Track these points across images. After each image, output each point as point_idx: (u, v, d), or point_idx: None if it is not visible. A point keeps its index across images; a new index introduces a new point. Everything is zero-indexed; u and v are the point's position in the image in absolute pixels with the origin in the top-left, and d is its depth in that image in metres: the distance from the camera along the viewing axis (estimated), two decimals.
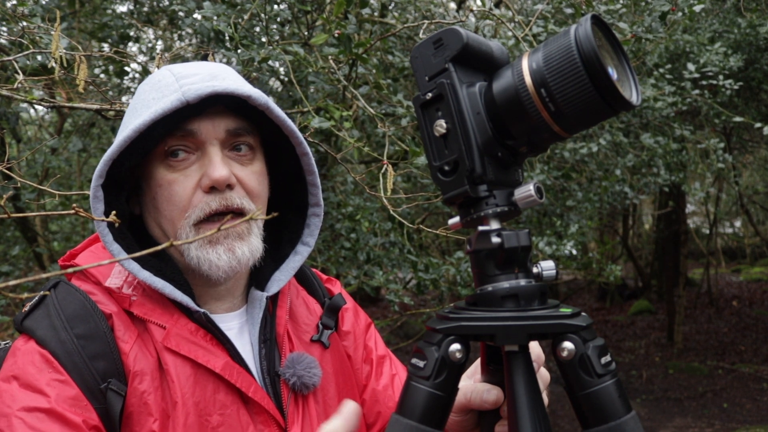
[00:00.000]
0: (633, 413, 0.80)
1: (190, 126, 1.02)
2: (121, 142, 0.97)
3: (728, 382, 8.36)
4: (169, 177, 1.03)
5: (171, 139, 1.02)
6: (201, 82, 1.00)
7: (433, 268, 3.69)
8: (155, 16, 4.51)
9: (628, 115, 5.32)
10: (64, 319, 0.98)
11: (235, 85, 1.01)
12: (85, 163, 5.90)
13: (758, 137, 8.11)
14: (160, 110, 0.97)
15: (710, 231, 14.63)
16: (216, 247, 1.02)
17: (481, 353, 0.94)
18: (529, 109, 0.78)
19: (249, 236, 1.06)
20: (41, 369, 0.94)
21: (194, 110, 1.01)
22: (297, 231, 1.18)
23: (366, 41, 2.89)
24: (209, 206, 1.02)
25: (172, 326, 1.02)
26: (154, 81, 1.06)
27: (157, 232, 1.08)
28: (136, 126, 0.97)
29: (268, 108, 1.04)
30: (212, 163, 1.01)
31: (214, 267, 1.02)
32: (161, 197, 1.04)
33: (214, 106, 1.03)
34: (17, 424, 0.89)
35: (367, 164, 4.47)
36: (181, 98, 0.97)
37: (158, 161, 1.04)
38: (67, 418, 0.90)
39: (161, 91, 1.01)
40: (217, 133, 1.03)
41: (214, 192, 1.02)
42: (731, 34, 5.72)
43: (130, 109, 1.06)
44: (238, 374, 1.02)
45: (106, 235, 1.01)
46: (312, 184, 1.15)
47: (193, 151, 1.04)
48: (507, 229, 0.83)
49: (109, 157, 0.98)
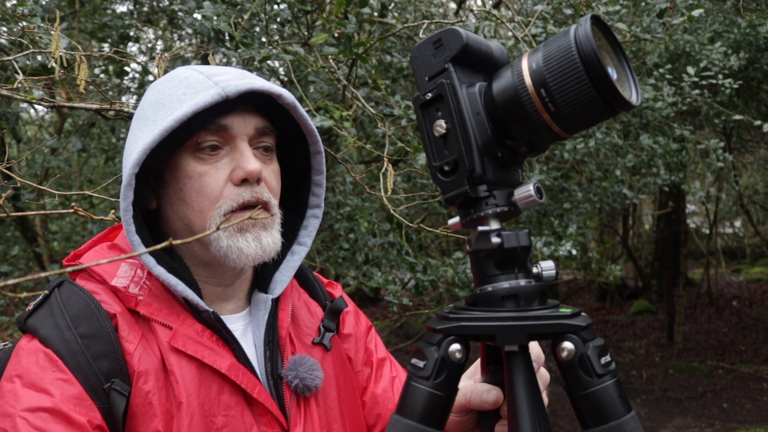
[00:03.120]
0: (633, 413, 0.80)
1: (224, 121, 1.04)
2: (162, 131, 0.98)
3: (728, 382, 8.36)
4: (200, 169, 1.04)
5: (204, 133, 1.04)
6: (235, 79, 1.03)
7: (431, 269, 3.68)
8: (155, 16, 4.51)
9: (628, 115, 5.32)
10: (68, 318, 0.98)
11: (268, 84, 1.05)
12: (85, 163, 5.90)
13: (758, 137, 8.11)
14: (201, 103, 0.99)
15: (710, 231, 14.63)
16: (245, 234, 1.05)
17: (481, 353, 0.94)
18: (529, 109, 0.78)
19: (272, 228, 1.08)
20: (45, 368, 0.94)
21: (228, 106, 1.03)
22: (293, 231, 1.20)
23: (366, 41, 2.89)
24: (242, 197, 1.04)
25: (179, 326, 1.02)
26: (179, 78, 1.07)
27: (178, 225, 1.09)
28: (177, 117, 0.98)
29: (295, 107, 1.08)
30: (245, 157, 1.04)
31: (243, 255, 1.04)
32: (190, 189, 1.05)
33: (245, 104, 1.06)
34: (21, 424, 0.89)
35: (366, 164, 4.47)
36: (221, 93, 1.00)
37: (187, 154, 1.05)
38: (71, 417, 0.90)
39: (193, 87, 1.03)
40: (247, 129, 1.06)
41: (245, 185, 1.05)
42: (731, 34, 5.72)
43: (151, 105, 1.06)
44: (243, 375, 1.03)
45: (130, 224, 1.01)
46: (317, 184, 1.18)
47: (223, 145, 1.06)
48: (507, 229, 0.83)
49: (148, 146, 0.99)
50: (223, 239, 1.04)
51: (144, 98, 1.10)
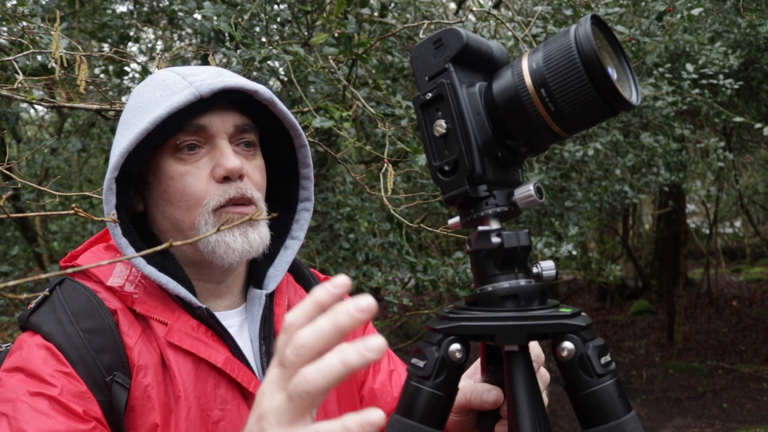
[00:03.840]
0: (633, 413, 0.80)
1: (202, 121, 1.05)
2: (138, 134, 0.99)
3: (728, 382, 8.36)
4: (180, 169, 1.06)
5: (182, 134, 1.05)
6: (210, 78, 1.04)
7: (431, 269, 3.69)
8: (155, 16, 4.51)
9: (628, 115, 5.32)
10: (70, 313, 0.99)
11: (243, 81, 1.06)
12: (85, 163, 5.90)
13: (758, 137, 8.11)
14: (175, 104, 1.00)
15: (710, 231, 14.63)
16: (233, 230, 1.06)
17: (481, 353, 0.94)
18: (529, 109, 0.78)
19: (259, 224, 1.09)
20: (46, 361, 0.95)
21: (204, 106, 1.04)
22: (285, 226, 1.21)
23: (366, 41, 2.89)
24: (227, 194, 1.05)
25: (174, 322, 1.03)
26: (157, 81, 1.08)
27: (165, 226, 1.10)
28: (152, 119, 0.99)
29: (273, 102, 1.09)
30: (224, 155, 1.05)
31: (230, 250, 1.05)
32: (174, 189, 1.06)
33: (221, 103, 1.07)
34: (22, 407, 0.90)
35: (366, 164, 4.47)
36: (195, 92, 1.01)
37: (167, 155, 1.06)
38: (71, 407, 0.91)
39: (169, 89, 1.04)
40: (226, 127, 1.07)
41: (227, 182, 1.06)
42: (731, 34, 5.72)
43: (132, 109, 1.07)
44: (239, 369, 1.04)
45: (116, 228, 1.03)
46: (305, 177, 1.19)
47: (203, 144, 1.07)
48: (507, 229, 0.83)
49: (125, 150, 1.00)
50: (211, 235, 1.05)
51: (128, 102, 1.12)
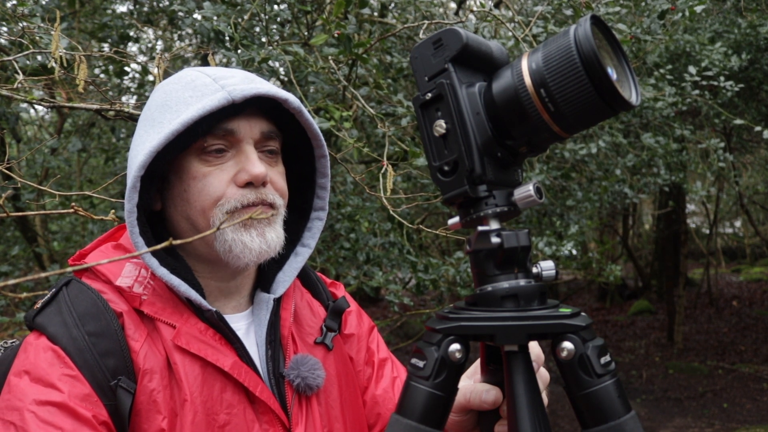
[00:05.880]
0: (633, 413, 0.80)
1: (231, 126, 1.05)
2: (168, 134, 0.99)
3: (728, 382, 8.36)
4: (204, 170, 1.06)
5: (210, 137, 1.05)
6: (242, 83, 1.04)
7: (432, 269, 3.69)
8: (155, 16, 4.51)
9: (628, 115, 5.32)
10: (75, 316, 0.99)
11: (275, 89, 1.06)
12: (85, 163, 5.90)
13: (758, 137, 8.11)
14: (208, 107, 1.00)
15: (710, 231, 14.62)
16: (250, 230, 1.06)
17: (481, 353, 0.94)
18: (529, 109, 0.78)
19: (276, 224, 1.09)
20: (53, 364, 0.95)
21: (235, 110, 1.04)
22: (297, 232, 1.21)
23: (366, 41, 2.89)
24: (246, 198, 1.05)
25: (182, 325, 1.03)
26: (186, 80, 1.07)
27: (183, 226, 1.09)
28: (183, 120, 0.99)
29: (300, 112, 1.09)
30: (250, 161, 1.05)
31: (246, 249, 1.05)
32: (194, 189, 1.06)
33: (250, 108, 1.07)
34: (29, 417, 0.89)
35: (366, 164, 4.47)
36: (227, 97, 1.01)
37: (192, 156, 1.06)
38: (79, 412, 0.91)
39: (199, 90, 1.04)
40: (253, 133, 1.07)
41: (248, 187, 1.06)
42: (731, 35, 5.72)
43: (158, 106, 1.06)
44: (246, 374, 1.04)
45: (134, 226, 1.02)
46: (322, 187, 1.19)
47: (229, 148, 1.07)
48: (506, 229, 0.83)
49: (154, 149, 1.00)
50: (228, 233, 1.05)
51: (150, 99, 1.11)
